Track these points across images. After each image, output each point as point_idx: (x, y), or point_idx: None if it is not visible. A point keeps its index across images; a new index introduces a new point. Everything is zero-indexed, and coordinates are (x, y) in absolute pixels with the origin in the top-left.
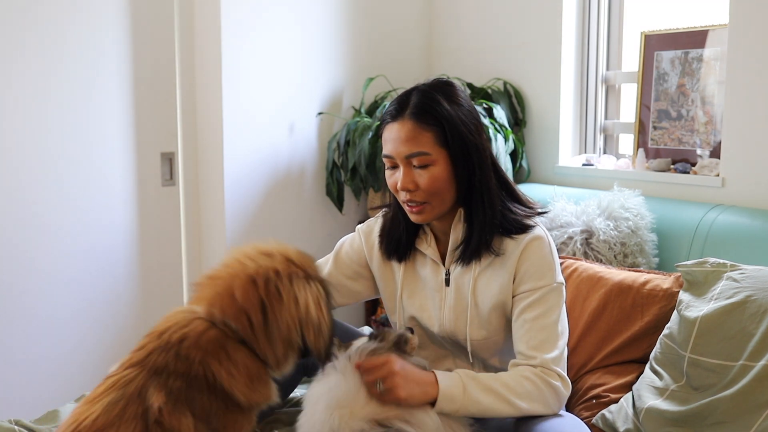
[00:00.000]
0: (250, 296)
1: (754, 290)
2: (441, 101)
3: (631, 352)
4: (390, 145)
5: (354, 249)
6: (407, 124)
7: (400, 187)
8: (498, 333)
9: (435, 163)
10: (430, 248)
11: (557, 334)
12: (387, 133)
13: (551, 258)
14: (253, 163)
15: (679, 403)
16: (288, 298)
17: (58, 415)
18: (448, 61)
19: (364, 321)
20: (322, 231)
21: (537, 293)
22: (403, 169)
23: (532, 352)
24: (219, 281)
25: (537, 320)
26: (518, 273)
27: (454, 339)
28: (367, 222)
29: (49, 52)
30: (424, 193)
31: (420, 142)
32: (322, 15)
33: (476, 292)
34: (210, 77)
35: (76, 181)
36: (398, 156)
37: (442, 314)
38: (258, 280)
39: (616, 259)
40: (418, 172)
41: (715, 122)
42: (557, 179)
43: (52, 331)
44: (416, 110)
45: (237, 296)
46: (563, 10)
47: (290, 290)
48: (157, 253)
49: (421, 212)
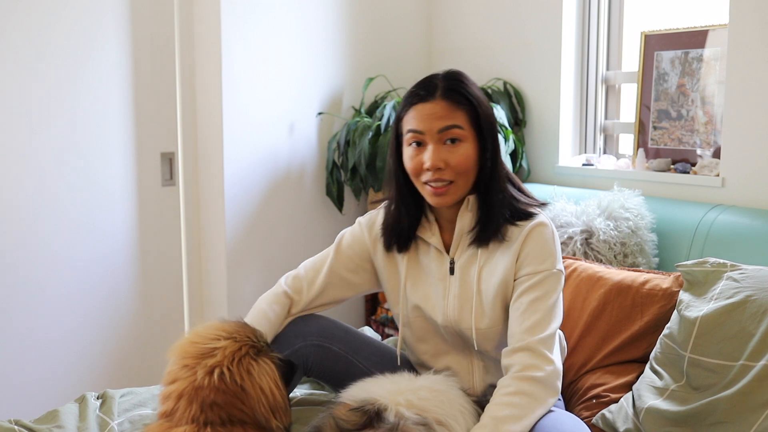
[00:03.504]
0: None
1: (754, 290)
2: (468, 83)
3: (630, 351)
4: (421, 121)
5: (356, 241)
6: (440, 103)
7: (431, 164)
8: (500, 322)
9: (466, 140)
10: (434, 237)
11: (551, 317)
12: (417, 111)
13: (553, 245)
14: (253, 163)
15: (679, 403)
16: (252, 389)
17: (58, 415)
18: (448, 61)
19: (364, 321)
20: (322, 231)
21: (536, 277)
22: (433, 146)
23: (524, 335)
24: (184, 397)
25: (533, 303)
26: (521, 256)
27: (458, 329)
28: (368, 214)
29: (49, 52)
30: (452, 172)
31: (455, 117)
32: (322, 15)
33: (481, 280)
34: (210, 77)
35: (76, 181)
36: (431, 131)
37: (447, 303)
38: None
39: (616, 259)
40: (448, 148)
41: (715, 122)
42: (557, 179)
43: (52, 331)
44: (448, 90)
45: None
46: (563, 10)
47: (250, 381)
48: (157, 253)
49: (446, 193)
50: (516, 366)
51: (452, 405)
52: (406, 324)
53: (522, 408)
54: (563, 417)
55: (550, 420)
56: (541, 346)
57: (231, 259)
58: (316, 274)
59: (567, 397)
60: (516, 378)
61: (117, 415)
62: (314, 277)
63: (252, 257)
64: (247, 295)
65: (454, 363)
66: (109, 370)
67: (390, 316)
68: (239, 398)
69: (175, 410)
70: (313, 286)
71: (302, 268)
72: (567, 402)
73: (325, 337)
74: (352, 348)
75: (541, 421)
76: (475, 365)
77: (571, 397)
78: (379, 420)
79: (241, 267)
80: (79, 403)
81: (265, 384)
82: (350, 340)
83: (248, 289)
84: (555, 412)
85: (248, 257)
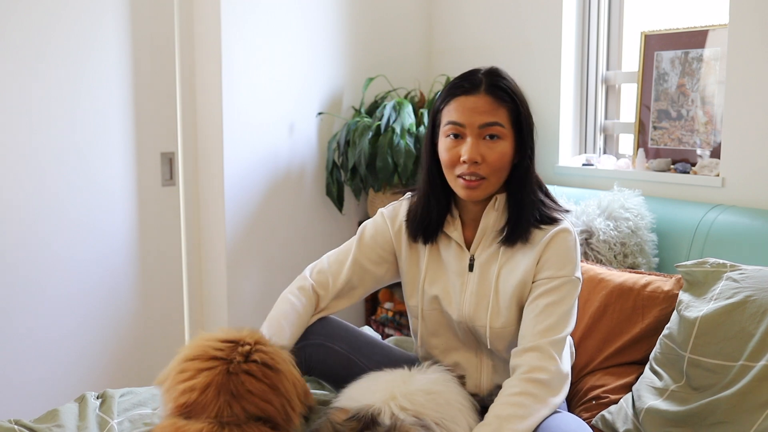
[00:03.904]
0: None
1: (754, 290)
2: (510, 81)
3: (631, 353)
4: (463, 113)
5: (379, 232)
6: (484, 98)
7: (468, 158)
8: (514, 322)
9: (505, 138)
10: (456, 232)
11: (564, 323)
12: (459, 104)
13: (575, 252)
14: (253, 163)
15: (679, 404)
16: (286, 370)
17: (58, 415)
18: (448, 61)
19: (364, 321)
20: (322, 231)
21: (555, 281)
22: (472, 140)
23: (535, 336)
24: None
25: (549, 306)
26: (542, 259)
27: (472, 326)
28: (390, 205)
29: (49, 52)
30: (488, 168)
31: (497, 114)
32: (322, 15)
33: (500, 279)
34: (210, 77)
35: (76, 181)
36: (472, 125)
37: (463, 299)
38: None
39: (616, 259)
40: (487, 144)
41: (715, 122)
42: (557, 179)
43: (52, 331)
44: (492, 86)
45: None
46: (563, 10)
47: (284, 363)
48: (157, 253)
49: (478, 187)
50: (523, 367)
51: (450, 405)
52: (422, 317)
53: (526, 408)
54: (567, 418)
55: (553, 421)
56: (551, 348)
57: (231, 259)
58: (340, 266)
59: (568, 398)
60: (522, 379)
61: (117, 414)
62: (339, 269)
63: (252, 257)
64: (247, 295)
65: (463, 360)
66: (109, 370)
67: (390, 316)
68: (273, 385)
69: (197, 403)
70: (338, 278)
71: (326, 259)
72: (567, 404)
73: (327, 336)
74: (353, 347)
75: (544, 422)
76: (484, 364)
77: (571, 399)
78: (375, 424)
79: (241, 267)
80: (79, 403)
81: (292, 368)
82: (352, 339)
83: (248, 289)
84: (559, 414)
85: (248, 257)
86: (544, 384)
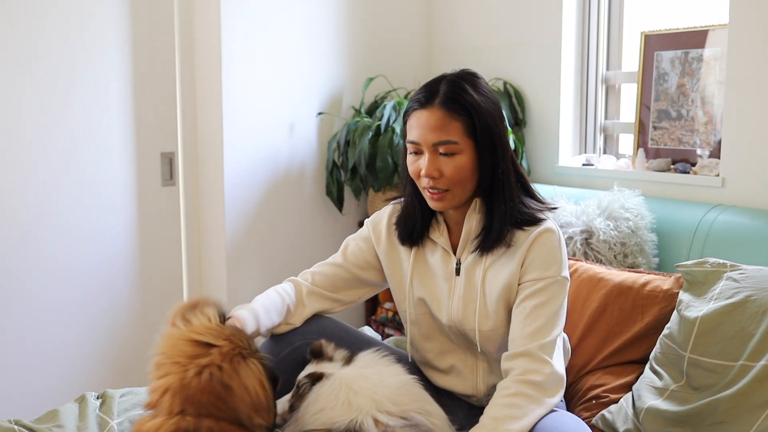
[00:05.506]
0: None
1: (754, 290)
2: (469, 91)
3: (631, 353)
4: (417, 131)
5: (363, 239)
6: (437, 112)
7: (425, 173)
8: (503, 325)
9: (461, 152)
10: (442, 237)
11: (553, 324)
12: (414, 120)
13: (559, 251)
14: (253, 163)
15: (679, 403)
16: (238, 388)
17: (58, 415)
18: (448, 61)
19: (364, 321)
20: (322, 231)
21: (541, 283)
22: (429, 156)
23: (524, 340)
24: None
25: (536, 308)
26: (526, 261)
27: (462, 330)
28: (375, 213)
29: (49, 53)
30: (447, 181)
31: (449, 130)
32: (322, 15)
33: (485, 282)
34: (210, 77)
35: (76, 181)
36: (425, 143)
37: (451, 303)
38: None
39: (616, 259)
40: (443, 159)
41: (715, 122)
42: (557, 179)
43: (52, 331)
44: (446, 99)
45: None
46: (563, 10)
47: (238, 380)
48: (157, 253)
49: (442, 199)
50: (516, 370)
51: (420, 389)
52: (414, 322)
53: (521, 408)
54: (564, 417)
55: (551, 420)
56: (541, 352)
57: (231, 259)
58: (326, 266)
59: (567, 398)
60: (516, 380)
61: (117, 414)
62: (325, 270)
63: (252, 257)
64: (247, 295)
65: (459, 362)
66: (109, 370)
67: (390, 316)
68: (222, 398)
69: (159, 402)
70: (324, 276)
71: (313, 267)
72: (567, 403)
73: (326, 336)
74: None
75: (542, 421)
76: (479, 365)
77: (571, 398)
78: None
79: (241, 267)
80: (79, 403)
81: (250, 383)
82: (350, 339)
83: (248, 289)
84: (556, 412)
85: (248, 257)
86: (538, 385)
